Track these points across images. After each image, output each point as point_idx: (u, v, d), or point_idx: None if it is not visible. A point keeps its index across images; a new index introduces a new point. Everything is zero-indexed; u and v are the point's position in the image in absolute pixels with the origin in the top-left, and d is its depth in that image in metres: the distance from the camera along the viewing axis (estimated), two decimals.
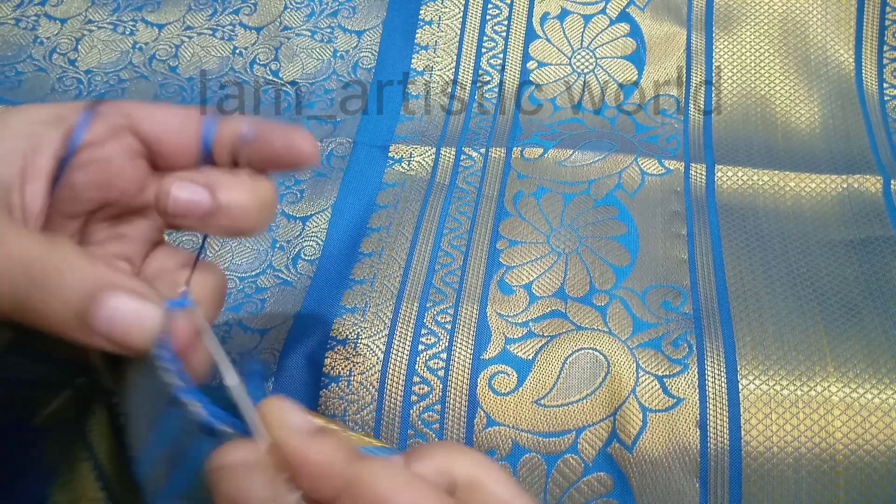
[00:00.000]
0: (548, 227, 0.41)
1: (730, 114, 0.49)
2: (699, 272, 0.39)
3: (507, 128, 0.48)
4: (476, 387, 0.35)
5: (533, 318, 0.37)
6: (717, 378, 0.34)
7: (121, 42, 0.55)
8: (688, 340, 0.35)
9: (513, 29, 0.52)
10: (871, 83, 0.49)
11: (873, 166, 0.45)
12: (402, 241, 0.41)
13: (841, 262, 0.39)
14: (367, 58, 0.53)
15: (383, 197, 0.44)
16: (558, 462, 0.34)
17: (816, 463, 0.32)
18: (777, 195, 0.43)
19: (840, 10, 0.50)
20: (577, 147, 0.45)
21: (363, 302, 0.38)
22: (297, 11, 0.55)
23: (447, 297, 0.38)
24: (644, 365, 0.35)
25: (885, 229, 0.41)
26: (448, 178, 0.45)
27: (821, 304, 0.37)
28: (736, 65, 0.50)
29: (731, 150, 0.46)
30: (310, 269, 0.42)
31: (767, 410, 0.33)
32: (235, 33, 0.55)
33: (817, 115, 0.48)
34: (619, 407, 0.34)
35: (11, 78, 0.53)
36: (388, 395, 0.35)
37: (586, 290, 0.38)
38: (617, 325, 0.36)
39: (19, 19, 0.56)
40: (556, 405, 0.34)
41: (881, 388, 0.33)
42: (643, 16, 0.52)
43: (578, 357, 0.35)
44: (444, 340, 0.36)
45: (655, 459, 0.33)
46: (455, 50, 0.52)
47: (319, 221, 0.44)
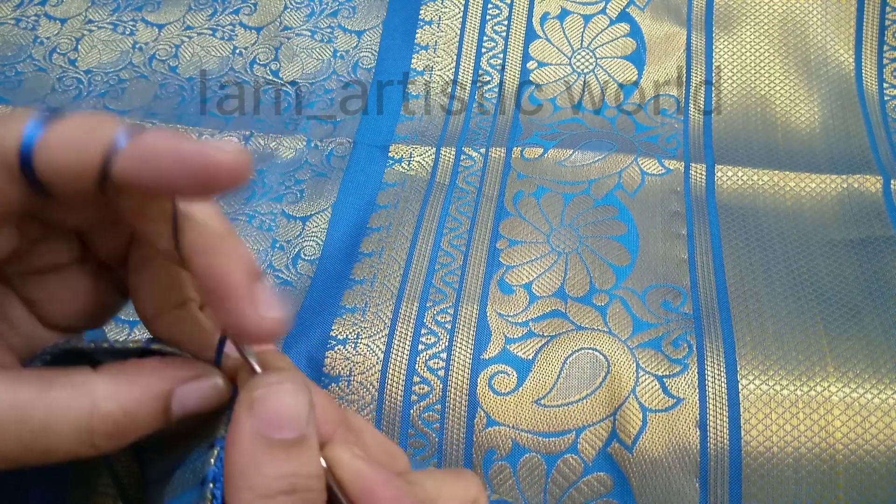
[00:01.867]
0: (548, 226, 0.41)
1: (730, 114, 0.49)
2: (699, 272, 0.39)
3: (507, 128, 0.48)
4: (476, 387, 0.35)
5: (533, 318, 0.37)
6: (717, 378, 0.34)
7: (121, 42, 0.55)
8: (688, 340, 0.35)
9: (513, 29, 0.52)
10: (871, 83, 0.49)
11: (873, 166, 0.45)
12: (402, 240, 0.41)
13: (841, 262, 0.39)
14: (367, 58, 0.53)
15: (383, 197, 0.44)
16: (558, 462, 0.34)
17: (816, 463, 0.32)
18: (777, 195, 0.43)
19: (840, 10, 0.50)
20: (577, 147, 0.45)
21: (363, 302, 0.38)
22: (297, 11, 0.55)
23: (447, 297, 0.38)
24: (644, 365, 0.35)
25: (885, 229, 0.41)
26: (448, 178, 0.45)
27: (821, 304, 0.37)
28: (736, 65, 0.50)
29: (731, 150, 0.46)
30: (310, 269, 0.42)
31: (767, 410, 0.33)
32: (235, 33, 0.55)
33: (817, 115, 0.48)
34: (619, 407, 0.34)
35: (11, 78, 0.53)
36: (388, 394, 0.35)
37: (586, 289, 0.38)
38: (617, 325, 0.36)
39: (19, 19, 0.56)
40: (556, 405, 0.34)
41: (881, 388, 0.33)
42: (643, 16, 0.52)
43: (578, 357, 0.35)
44: (444, 340, 0.36)
45: (655, 459, 0.33)
46: (455, 50, 0.52)
47: (319, 221, 0.44)
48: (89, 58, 0.54)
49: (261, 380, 0.20)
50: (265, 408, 0.20)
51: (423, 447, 0.35)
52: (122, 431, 0.20)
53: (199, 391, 0.21)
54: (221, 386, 0.21)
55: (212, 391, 0.21)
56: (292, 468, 0.19)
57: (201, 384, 0.21)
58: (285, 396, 0.20)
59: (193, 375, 0.21)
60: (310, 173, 0.46)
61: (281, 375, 0.20)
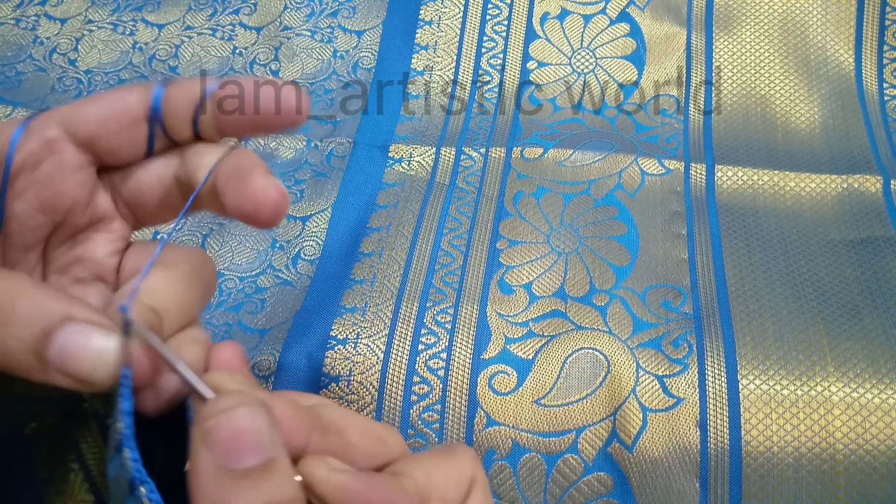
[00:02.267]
0: (548, 226, 0.41)
1: (730, 114, 0.49)
2: (699, 272, 0.39)
3: (507, 128, 0.48)
4: (476, 386, 0.35)
5: (533, 318, 0.37)
6: (717, 378, 0.34)
7: (121, 42, 0.55)
8: (688, 340, 0.35)
9: (513, 29, 0.52)
10: (871, 83, 0.49)
11: (873, 166, 0.45)
12: (402, 240, 0.41)
13: (841, 262, 0.39)
14: (367, 58, 0.53)
15: (383, 197, 0.44)
16: (558, 462, 0.34)
17: (816, 463, 0.32)
18: (777, 195, 0.43)
19: (840, 10, 0.50)
20: (577, 147, 0.45)
21: (363, 302, 0.38)
22: (297, 11, 0.55)
23: (447, 297, 0.38)
24: (644, 365, 0.35)
25: (885, 229, 0.41)
26: (448, 178, 0.45)
27: (821, 304, 0.37)
28: (736, 65, 0.50)
29: (731, 150, 0.46)
30: (310, 269, 0.42)
31: (767, 410, 0.33)
32: (235, 33, 0.55)
33: (817, 115, 0.48)
34: (619, 407, 0.34)
35: (11, 78, 0.53)
36: (388, 395, 0.35)
37: (586, 289, 0.38)
38: (617, 324, 0.36)
39: (19, 19, 0.56)
40: (556, 405, 0.34)
41: (881, 388, 0.33)
42: (643, 16, 0.52)
43: (578, 357, 0.35)
44: (444, 340, 0.36)
45: (655, 459, 0.33)
46: (455, 50, 0.52)
47: (319, 221, 0.44)
48: (89, 58, 0.54)
49: (212, 408, 0.19)
50: (221, 438, 0.18)
51: (422, 447, 0.35)
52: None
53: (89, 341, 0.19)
54: (111, 351, 0.19)
55: (99, 350, 0.19)
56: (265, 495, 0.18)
57: (97, 336, 0.19)
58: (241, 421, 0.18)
59: (93, 320, 0.19)
60: (310, 173, 0.46)
61: (232, 398, 0.19)
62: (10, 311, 0.19)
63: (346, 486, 0.19)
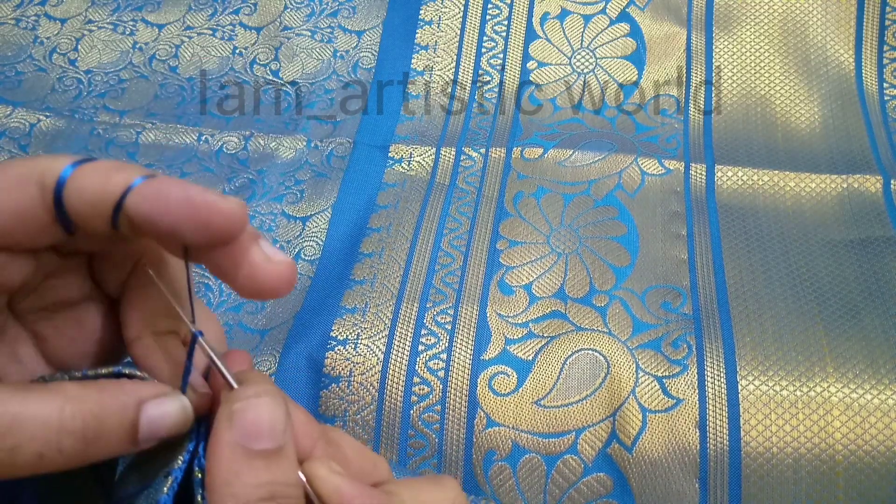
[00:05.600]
0: (548, 227, 0.41)
1: (730, 114, 0.49)
2: (699, 272, 0.39)
3: (507, 128, 0.48)
4: (476, 387, 0.35)
5: (533, 319, 0.37)
6: (716, 379, 0.34)
7: (121, 42, 0.55)
8: (687, 341, 0.35)
9: (513, 29, 0.52)
10: (871, 83, 0.49)
11: (873, 166, 0.45)
12: (402, 241, 0.41)
13: (841, 262, 0.39)
14: (367, 58, 0.53)
15: (383, 197, 0.44)
16: (558, 462, 0.34)
17: (816, 463, 0.32)
18: (777, 195, 0.43)
19: (840, 10, 0.50)
20: (577, 147, 0.45)
21: (363, 302, 0.38)
22: (297, 11, 0.55)
23: (447, 298, 0.38)
24: (644, 365, 0.35)
25: (885, 229, 0.41)
26: (448, 179, 0.45)
27: (821, 304, 0.37)
28: (736, 65, 0.50)
29: (731, 150, 0.46)
30: (310, 270, 0.42)
31: (767, 411, 0.33)
32: (235, 33, 0.55)
33: (817, 115, 0.48)
34: (618, 407, 0.34)
35: (11, 78, 0.53)
36: (388, 395, 0.35)
37: (586, 290, 0.38)
38: (617, 325, 0.36)
39: (19, 19, 0.56)
40: (555, 406, 0.34)
41: (881, 388, 0.33)
42: (643, 16, 0.52)
43: (578, 358, 0.35)
44: (444, 341, 0.36)
45: (655, 460, 0.33)
46: (455, 50, 0.52)
47: (319, 221, 0.44)
48: (89, 58, 0.54)
49: (240, 393, 0.21)
50: (244, 419, 0.20)
51: (423, 447, 0.35)
52: (90, 437, 0.20)
53: (166, 408, 0.21)
54: (188, 407, 0.22)
55: (178, 412, 0.21)
56: (271, 477, 0.20)
57: (169, 402, 0.21)
58: (263, 408, 0.21)
59: (161, 392, 0.21)
60: (310, 173, 0.46)
61: (259, 388, 0.21)
62: (101, 427, 0.20)
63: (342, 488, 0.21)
